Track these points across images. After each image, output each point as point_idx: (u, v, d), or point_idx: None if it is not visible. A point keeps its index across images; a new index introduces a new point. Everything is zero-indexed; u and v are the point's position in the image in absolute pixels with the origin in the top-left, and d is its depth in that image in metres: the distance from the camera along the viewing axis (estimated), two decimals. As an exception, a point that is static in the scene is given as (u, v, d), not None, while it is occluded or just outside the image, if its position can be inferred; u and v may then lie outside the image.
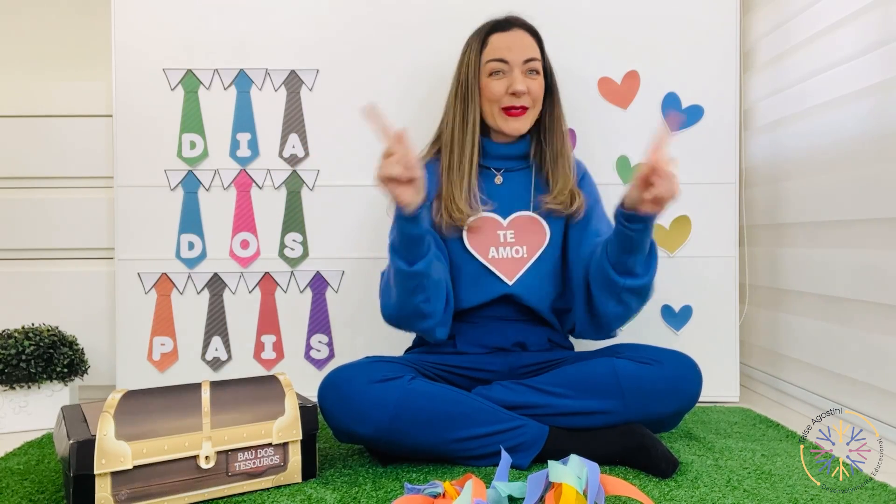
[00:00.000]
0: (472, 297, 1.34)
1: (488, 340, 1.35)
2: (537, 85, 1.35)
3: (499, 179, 1.40)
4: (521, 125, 1.35)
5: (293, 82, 1.71)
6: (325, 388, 1.17)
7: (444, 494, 0.93)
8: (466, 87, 1.37)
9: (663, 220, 1.69)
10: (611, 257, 1.20)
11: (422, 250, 1.16)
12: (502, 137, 1.39)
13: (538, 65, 1.36)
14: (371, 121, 1.07)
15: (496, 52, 1.35)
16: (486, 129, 1.40)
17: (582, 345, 1.62)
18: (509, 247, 1.35)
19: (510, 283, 1.33)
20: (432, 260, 1.19)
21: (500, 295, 1.33)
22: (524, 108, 1.34)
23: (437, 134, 1.44)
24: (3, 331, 1.53)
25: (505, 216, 1.38)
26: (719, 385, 1.67)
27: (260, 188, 1.71)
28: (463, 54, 1.40)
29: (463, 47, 1.41)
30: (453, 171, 1.35)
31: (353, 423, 1.13)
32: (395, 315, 1.24)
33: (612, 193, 1.70)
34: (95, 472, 0.95)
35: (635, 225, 1.14)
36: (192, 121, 1.70)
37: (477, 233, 1.35)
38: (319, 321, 1.72)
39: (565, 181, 1.37)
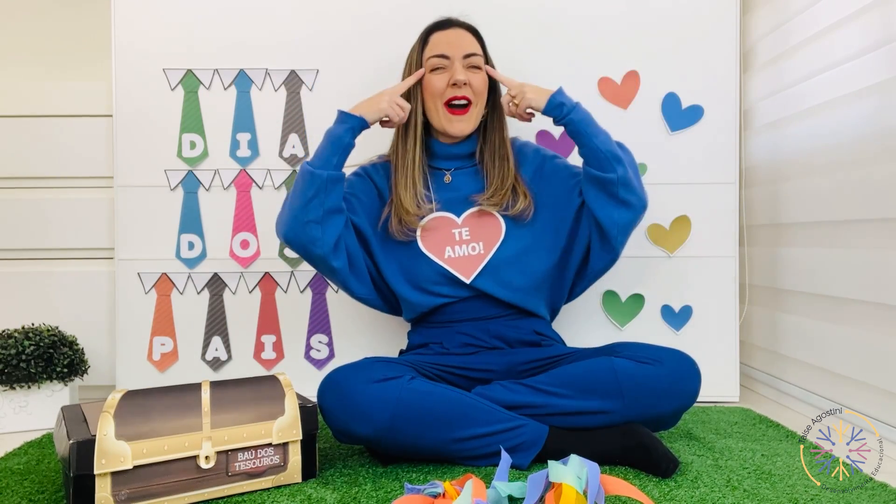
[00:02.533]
0: (434, 299, 1.36)
1: (471, 340, 1.36)
2: (479, 79, 1.38)
3: (448, 178, 1.42)
4: (465, 125, 1.38)
5: (293, 82, 1.71)
6: (324, 388, 1.17)
7: (444, 494, 0.93)
8: (409, 88, 1.39)
9: (663, 220, 1.69)
10: (585, 159, 1.34)
11: (335, 162, 1.28)
12: (449, 138, 1.41)
13: (479, 60, 1.39)
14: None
15: (436, 48, 1.38)
16: (433, 130, 1.42)
17: (574, 339, 1.62)
18: (465, 244, 1.37)
19: (468, 280, 1.34)
20: (339, 181, 1.28)
21: (463, 294, 1.35)
22: (467, 102, 1.36)
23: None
24: (3, 331, 1.53)
25: (458, 214, 1.39)
26: (719, 385, 1.67)
27: (260, 188, 1.71)
28: (406, 59, 1.44)
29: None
30: (398, 174, 1.38)
31: (353, 423, 1.13)
32: (286, 225, 1.29)
33: (612, 193, 1.70)
34: (95, 472, 0.95)
35: (559, 111, 1.33)
36: (192, 121, 1.70)
37: (431, 233, 1.37)
38: (319, 321, 1.72)
39: (502, 182, 1.38)
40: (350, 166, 1.38)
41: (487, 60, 1.42)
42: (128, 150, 1.70)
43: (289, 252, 1.71)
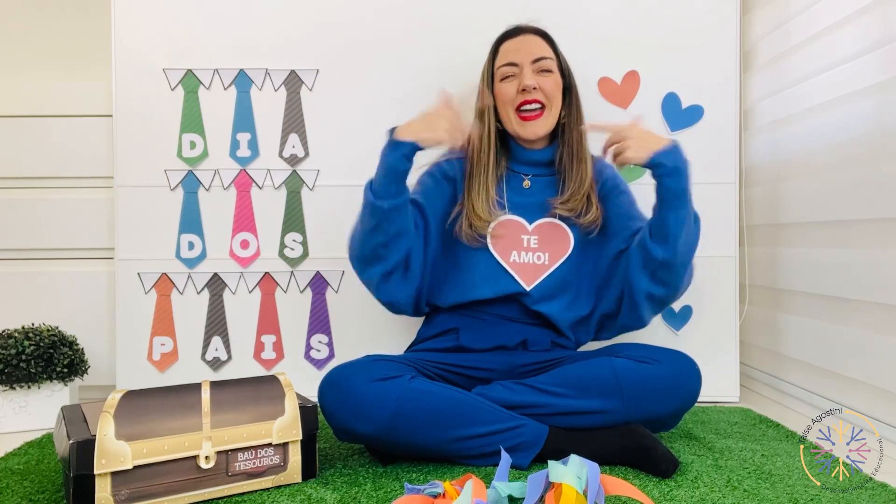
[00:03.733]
0: (485, 290, 1.34)
1: (492, 338, 1.35)
2: (550, 82, 1.36)
3: (527, 183, 1.40)
4: (538, 128, 1.36)
5: (293, 82, 1.71)
6: (325, 387, 1.17)
7: (444, 494, 0.93)
8: (483, 97, 1.39)
9: (663, 220, 1.69)
10: (651, 221, 1.29)
11: (394, 190, 1.25)
12: (527, 142, 1.40)
13: (550, 63, 1.37)
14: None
15: (505, 56, 1.37)
16: (512, 136, 1.41)
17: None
18: (532, 252, 1.36)
19: (528, 288, 1.34)
20: (402, 207, 1.26)
21: (512, 293, 1.34)
22: (539, 107, 1.35)
23: None
24: (3, 331, 1.53)
25: (531, 221, 1.38)
26: (719, 385, 1.67)
27: (260, 188, 1.71)
28: (481, 74, 1.43)
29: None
30: (473, 179, 1.36)
31: (353, 422, 1.13)
32: (357, 251, 1.31)
33: (612, 193, 1.70)
34: (95, 472, 0.95)
35: (656, 171, 1.25)
36: (192, 121, 1.70)
37: (500, 237, 1.36)
38: (319, 321, 1.72)
39: (579, 185, 1.37)
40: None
41: (560, 61, 1.40)
42: (128, 150, 1.70)
43: (289, 252, 1.71)
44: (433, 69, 1.69)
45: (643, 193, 1.70)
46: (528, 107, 1.34)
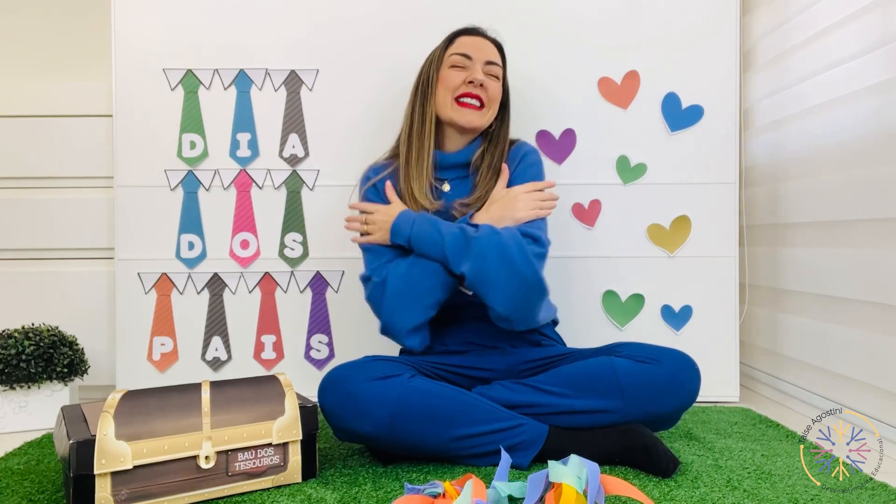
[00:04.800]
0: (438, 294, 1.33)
1: (474, 338, 1.36)
2: (495, 87, 1.38)
3: (446, 187, 1.41)
4: (473, 118, 1.36)
5: (293, 82, 1.71)
6: (325, 386, 1.17)
7: (444, 494, 0.93)
8: (427, 80, 1.40)
9: (663, 220, 1.69)
10: None
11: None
12: (451, 144, 1.41)
13: (498, 70, 1.40)
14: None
15: (462, 47, 1.39)
16: (437, 138, 1.41)
17: (574, 339, 1.62)
18: None
19: (469, 293, 1.33)
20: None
21: (466, 298, 1.34)
22: (479, 103, 1.36)
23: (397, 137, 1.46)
24: (3, 331, 1.53)
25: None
26: (719, 385, 1.67)
27: (260, 188, 1.71)
28: (427, 58, 1.44)
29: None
30: (411, 166, 1.37)
31: (353, 421, 1.14)
32: (402, 317, 1.28)
33: (612, 193, 1.71)
34: (95, 472, 0.95)
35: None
36: (192, 121, 1.70)
37: None
38: (319, 321, 1.72)
39: (486, 193, 1.36)
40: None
41: (506, 77, 1.43)
42: (128, 150, 1.70)
43: (289, 252, 1.71)
44: (433, 69, 1.68)
45: (641, 193, 1.71)
46: (468, 99, 1.35)
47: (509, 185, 1.36)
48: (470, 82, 1.35)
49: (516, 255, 1.20)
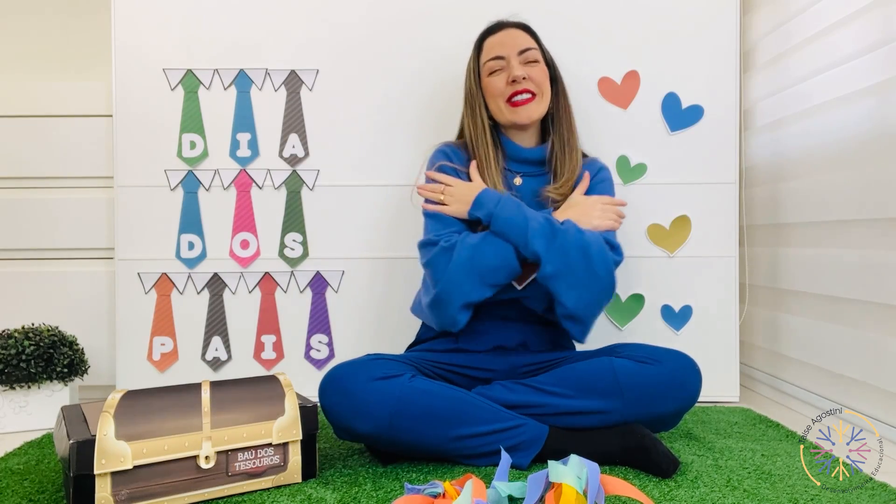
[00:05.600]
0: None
1: (491, 339, 1.35)
2: (538, 71, 1.37)
3: (518, 181, 1.40)
4: (531, 111, 1.36)
5: (293, 82, 1.71)
6: (325, 385, 1.17)
7: (444, 494, 0.93)
8: (471, 94, 1.40)
9: (663, 220, 1.70)
10: None
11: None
12: (520, 138, 1.40)
13: (535, 54, 1.38)
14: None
15: (491, 51, 1.37)
16: (503, 132, 1.41)
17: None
18: None
19: (519, 288, 1.33)
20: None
21: (507, 297, 1.33)
22: (530, 94, 1.35)
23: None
24: (3, 331, 1.53)
25: None
26: (719, 385, 1.67)
27: (260, 188, 1.71)
28: (465, 72, 1.43)
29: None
30: (483, 171, 1.36)
31: (353, 420, 1.14)
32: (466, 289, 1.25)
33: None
34: (95, 472, 0.95)
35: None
36: (192, 121, 1.70)
37: None
38: (319, 321, 1.72)
39: (571, 173, 1.37)
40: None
41: (544, 52, 1.41)
42: (128, 150, 1.70)
43: (289, 252, 1.71)
44: (434, 68, 1.69)
45: (641, 193, 1.71)
46: (519, 97, 1.35)
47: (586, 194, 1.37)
48: (513, 81, 1.34)
49: (598, 257, 1.22)
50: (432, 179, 1.37)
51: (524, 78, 1.34)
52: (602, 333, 1.69)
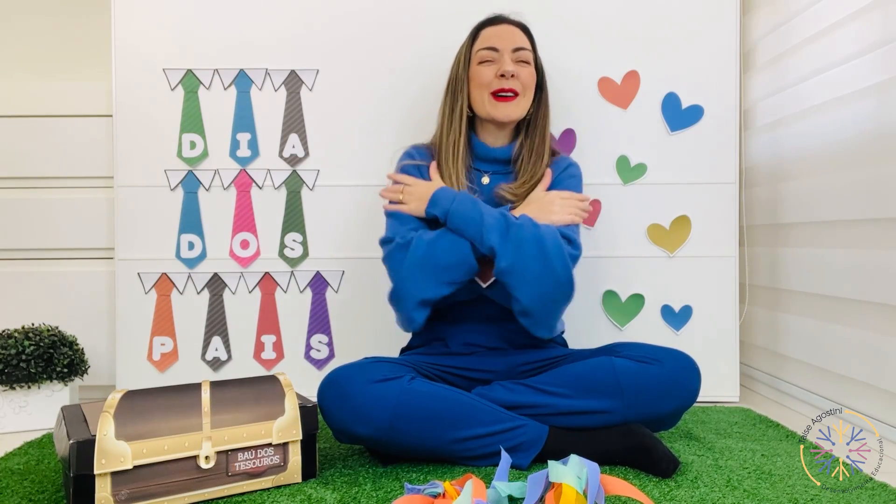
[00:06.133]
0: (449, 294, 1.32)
1: (476, 339, 1.35)
2: (527, 73, 1.37)
3: (486, 179, 1.40)
4: (511, 110, 1.36)
5: (293, 82, 1.71)
6: (324, 388, 1.17)
7: (444, 494, 0.93)
8: (456, 79, 1.40)
9: (663, 220, 1.69)
10: None
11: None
12: (492, 137, 1.40)
13: (528, 55, 1.38)
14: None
15: (486, 41, 1.38)
16: (476, 129, 1.41)
17: (574, 339, 1.62)
18: None
19: (484, 285, 1.32)
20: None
21: (476, 294, 1.33)
22: (514, 93, 1.35)
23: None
24: (3, 331, 1.53)
25: None
26: (719, 385, 1.67)
27: (260, 188, 1.71)
28: (456, 56, 1.44)
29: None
30: (442, 166, 1.37)
31: (353, 423, 1.13)
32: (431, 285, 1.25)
33: (612, 193, 1.71)
34: (95, 472, 0.95)
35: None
36: (192, 121, 1.70)
37: None
38: (319, 321, 1.72)
39: (531, 176, 1.37)
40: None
41: (536, 57, 1.41)
42: (128, 150, 1.70)
43: (289, 252, 1.71)
44: (434, 68, 1.68)
45: (641, 193, 1.71)
46: (503, 93, 1.35)
47: (549, 190, 1.36)
48: (501, 75, 1.34)
49: (553, 250, 1.21)
50: (394, 181, 1.37)
51: (512, 75, 1.34)
52: (602, 333, 1.69)
